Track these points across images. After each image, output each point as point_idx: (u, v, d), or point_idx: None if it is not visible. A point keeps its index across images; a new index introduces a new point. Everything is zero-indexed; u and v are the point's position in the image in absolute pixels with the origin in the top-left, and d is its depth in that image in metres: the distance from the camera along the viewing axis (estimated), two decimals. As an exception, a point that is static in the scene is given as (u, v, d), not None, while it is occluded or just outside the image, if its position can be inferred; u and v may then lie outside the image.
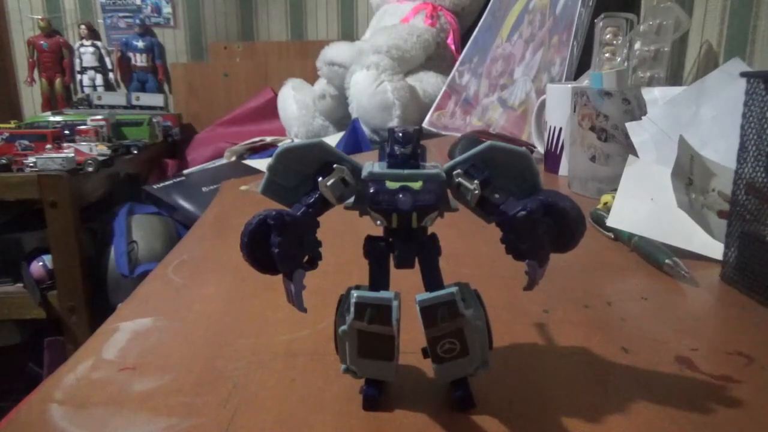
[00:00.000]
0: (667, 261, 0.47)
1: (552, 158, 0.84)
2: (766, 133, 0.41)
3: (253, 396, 0.31)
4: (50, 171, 1.26)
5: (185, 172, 1.65)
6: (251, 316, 0.41)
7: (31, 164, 1.30)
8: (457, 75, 1.41)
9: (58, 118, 1.80)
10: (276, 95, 1.84)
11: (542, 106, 0.86)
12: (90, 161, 1.36)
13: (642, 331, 0.38)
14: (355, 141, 1.32)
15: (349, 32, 2.21)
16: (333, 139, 1.40)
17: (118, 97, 2.12)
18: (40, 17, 2.19)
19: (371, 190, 0.27)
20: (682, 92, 0.68)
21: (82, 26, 2.20)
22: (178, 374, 0.33)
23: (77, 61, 2.23)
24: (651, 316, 0.40)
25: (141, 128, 1.78)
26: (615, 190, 0.60)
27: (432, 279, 0.28)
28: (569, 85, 0.77)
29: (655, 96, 0.71)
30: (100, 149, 1.44)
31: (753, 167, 0.42)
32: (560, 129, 0.81)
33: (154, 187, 1.44)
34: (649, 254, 0.49)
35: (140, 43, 2.20)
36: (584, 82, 0.88)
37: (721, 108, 0.63)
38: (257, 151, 1.65)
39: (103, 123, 1.60)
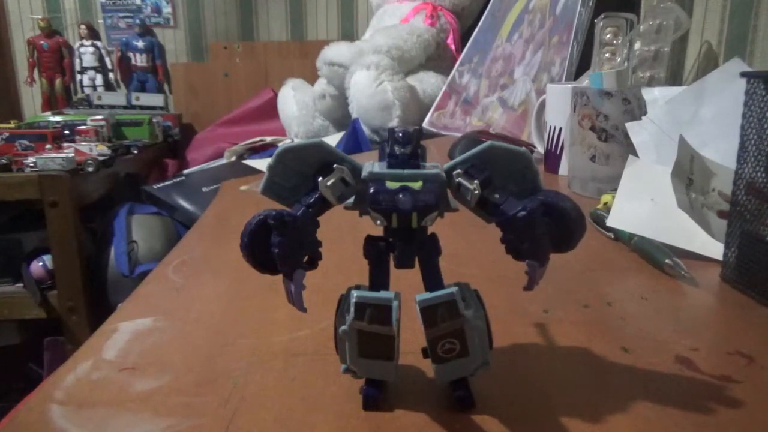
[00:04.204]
0: (667, 261, 0.47)
1: (552, 158, 0.84)
2: (766, 133, 0.41)
3: (253, 396, 0.31)
4: (50, 171, 1.26)
5: (185, 172, 1.65)
6: (251, 316, 0.41)
7: (31, 164, 1.29)
8: (457, 75, 1.41)
9: (58, 118, 1.80)
10: (276, 95, 1.84)
11: (542, 106, 0.86)
12: (90, 161, 1.36)
13: (642, 331, 0.38)
14: (355, 141, 1.32)
15: (349, 32, 2.21)
16: (333, 139, 1.40)
17: (118, 97, 2.12)
18: (40, 17, 2.19)
19: (371, 190, 0.27)
20: (682, 92, 0.68)
21: (82, 26, 2.20)
22: (178, 374, 0.33)
23: (77, 61, 2.23)
24: (651, 316, 0.40)
25: (141, 128, 1.78)
26: (615, 190, 0.60)
27: (432, 279, 0.28)
28: (569, 85, 0.77)
29: (655, 96, 0.71)
30: (100, 149, 1.44)
31: (753, 167, 0.42)
32: (560, 129, 0.81)
33: (154, 187, 1.44)
34: (649, 254, 0.49)
35: (140, 43, 2.20)
36: (584, 82, 0.87)
37: (721, 108, 0.63)
38: (257, 151, 1.65)
39: (103, 123, 1.60)
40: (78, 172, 1.32)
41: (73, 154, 1.33)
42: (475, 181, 0.27)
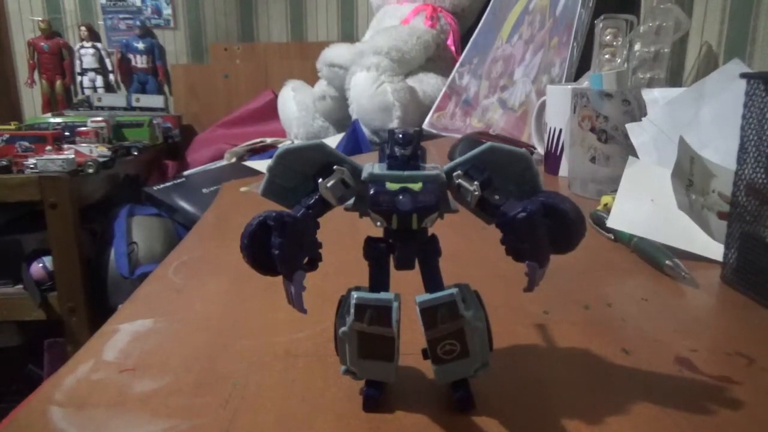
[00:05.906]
0: (667, 262, 0.47)
1: (552, 159, 0.84)
2: (766, 134, 0.41)
3: (253, 397, 0.31)
4: (50, 172, 1.26)
5: (185, 173, 1.65)
6: (251, 317, 0.41)
7: (32, 166, 1.30)
8: (457, 76, 1.41)
9: (58, 120, 1.80)
10: (276, 96, 1.84)
11: (542, 108, 0.86)
12: (90, 163, 1.36)
13: (642, 332, 0.38)
14: (355, 142, 1.32)
15: (349, 33, 2.21)
16: (333, 141, 1.40)
17: (118, 99, 2.12)
18: (40, 19, 2.19)
19: (371, 192, 0.27)
20: (682, 93, 0.68)
21: (83, 28, 2.20)
22: (178, 375, 0.33)
23: (77, 62, 2.23)
24: (651, 317, 0.40)
25: (141, 130, 1.78)
26: (615, 191, 0.60)
27: (432, 280, 0.28)
28: (569, 87, 0.77)
29: (655, 97, 0.71)
30: (101, 151, 1.44)
31: (753, 168, 0.42)
32: (560, 130, 0.81)
33: (154, 188, 1.44)
34: (650, 255, 0.49)
35: (140, 45, 2.21)
36: (584, 83, 0.88)
37: (721, 109, 0.63)
38: (257, 152, 1.65)
39: (103, 124, 1.60)
40: (78, 174, 1.32)
41: (73, 156, 1.33)
42: (475, 183, 0.27)
